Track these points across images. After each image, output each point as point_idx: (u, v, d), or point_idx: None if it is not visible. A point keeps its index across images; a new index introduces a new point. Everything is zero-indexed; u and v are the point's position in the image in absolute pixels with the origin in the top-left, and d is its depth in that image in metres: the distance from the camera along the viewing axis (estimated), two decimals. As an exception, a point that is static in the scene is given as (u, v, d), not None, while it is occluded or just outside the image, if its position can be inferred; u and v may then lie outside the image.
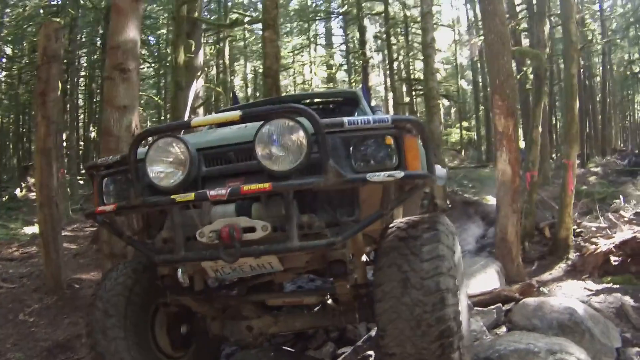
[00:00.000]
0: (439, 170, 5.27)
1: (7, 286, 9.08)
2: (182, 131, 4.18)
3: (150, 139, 3.73)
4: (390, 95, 37.61)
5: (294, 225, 3.30)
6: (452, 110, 54.93)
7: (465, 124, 48.14)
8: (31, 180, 26.83)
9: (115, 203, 3.80)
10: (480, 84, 40.21)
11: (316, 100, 6.93)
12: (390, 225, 3.89)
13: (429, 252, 3.51)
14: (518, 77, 21.78)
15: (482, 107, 41.26)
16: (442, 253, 3.52)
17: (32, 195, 25.09)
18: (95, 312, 4.24)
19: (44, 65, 8.96)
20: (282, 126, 3.33)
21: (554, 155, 31.24)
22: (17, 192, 23.94)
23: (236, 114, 3.42)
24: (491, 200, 15.67)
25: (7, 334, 7.31)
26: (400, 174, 3.28)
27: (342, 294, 4.11)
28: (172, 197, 3.37)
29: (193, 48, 17.49)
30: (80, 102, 36.56)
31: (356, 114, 6.37)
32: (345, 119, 3.36)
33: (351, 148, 3.47)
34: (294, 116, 3.34)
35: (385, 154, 3.46)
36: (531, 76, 14.93)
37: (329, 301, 4.46)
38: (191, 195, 3.33)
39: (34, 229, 16.48)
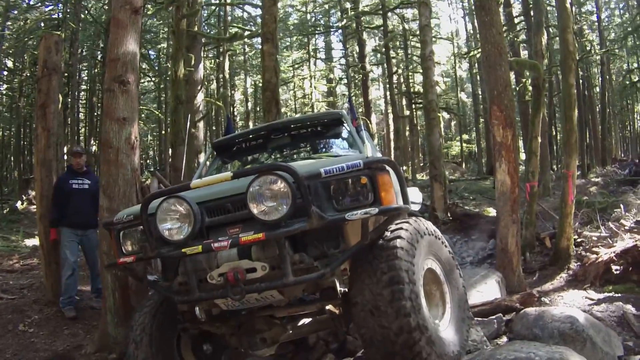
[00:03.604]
0: (415, 195, 6.20)
1: (7, 297, 9.12)
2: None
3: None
4: (391, 108, 37.73)
5: (287, 263, 3.91)
6: (453, 123, 54.93)
7: (465, 136, 48.23)
8: (32, 193, 26.82)
9: (134, 255, 4.47)
10: (480, 96, 40.21)
11: (305, 124, 7.22)
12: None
13: (388, 267, 3.97)
14: (517, 88, 21.86)
15: (482, 120, 41.26)
16: (399, 265, 3.96)
17: (33, 208, 25.01)
18: (130, 336, 5.01)
19: (44, 77, 9.06)
20: (268, 181, 3.91)
21: (554, 166, 31.22)
22: (18, 204, 23.84)
23: (228, 175, 4.12)
24: (492, 212, 15.70)
25: (7, 344, 7.33)
26: (375, 210, 3.85)
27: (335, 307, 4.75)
28: (183, 250, 3.99)
29: (193, 62, 17.53)
30: (81, 115, 36.63)
31: (342, 134, 6.97)
32: (322, 169, 3.97)
33: (331, 191, 4.07)
34: (277, 172, 3.91)
35: (361, 193, 4.04)
36: (530, 87, 14.93)
37: (328, 307, 4.84)
38: (199, 248, 3.93)
39: (34, 241, 16.47)
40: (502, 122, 8.36)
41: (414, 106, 36.10)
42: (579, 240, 10.39)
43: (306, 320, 5.46)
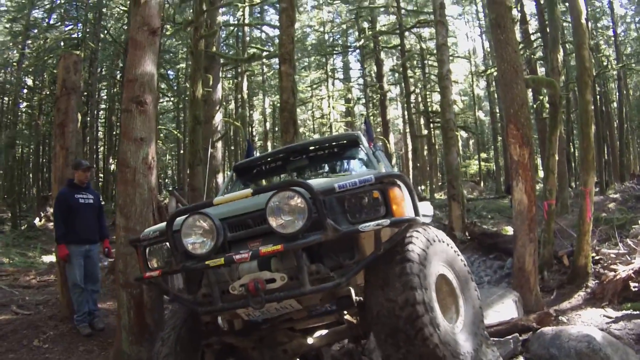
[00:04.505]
0: (426, 209, 6.28)
1: (22, 312, 9.14)
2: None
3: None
4: (409, 127, 37.72)
5: (305, 274, 4.09)
6: (471, 141, 54.81)
7: (483, 155, 48.06)
8: (50, 210, 27.02)
9: (160, 269, 4.72)
10: (498, 114, 40.11)
11: (323, 145, 7.55)
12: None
13: (400, 271, 4.15)
14: (534, 105, 21.76)
15: (499, 138, 41.10)
16: (410, 269, 4.14)
17: (51, 224, 25.26)
18: (155, 349, 5.17)
19: (62, 96, 9.14)
20: (286, 196, 4.13)
21: (572, 184, 30.99)
22: (36, 221, 24.09)
23: (248, 191, 4.34)
24: (510, 231, 15.58)
25: (21, 359, 7.34)
26: (387, 221, 4.03)
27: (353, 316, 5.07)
28: (207, 262, 4.21)
29: (211, 82, 17.72)
30: (100, 134, 36.96)
31: (358, 155, 7.25)
32: (336, 184, 4.19)
33: (345, 205, 4.25)
34: (294, 187, 4.13)
35: (373, 206, 4.22)
36: (547, 105, 14.86)
37: (346, 317, 5.13)
38: (221, 260, 4.15)
39: (51, 258, 16.59)
40: (518, 141, 8.34)
41: (431, 125, 36.00)
42: (597, 257, 10.28)
43: (325, 332, 5.68)
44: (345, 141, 7.47)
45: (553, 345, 5.59)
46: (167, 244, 4.75)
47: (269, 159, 7.77)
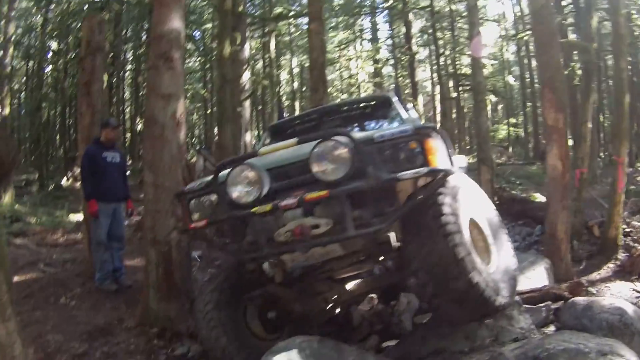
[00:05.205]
0: (460, 161, 6.45)
1: (49, 270, 9.22)
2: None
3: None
4: (438, 89, 37.39)
5: (349, 218, 4.27)
6: (499, 106, 54.19)
7: (512, 120, 47.45)
8: (77, 170, 27.17)
9: (205, 219, 4.91)
10: (528, 80, 39.54)
11: (354, 106, 7.81)
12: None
13: (435, 215, 4.41)
14: (566, 72, 21.38)
15: (529, 104, 40.60)
16: (442, 221, 4.38)
17: (78, 184, 25.39)
18: (198, 305, 5.39)
19: (88, 56, 9.12)
20: (329, 146, 4.33)
21: (601, 154, 30.56)
22: (63, 181, 24.23)
23: (293, 141, 4.55)
24: (539, 197, 15.42)
25: (48, 316, 7.32)
26: (424, 170, 4.26)
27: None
28: (253, 210, 4.42)
29: (238, 41, 17.51)
30: (127, 95, 37.02)
31: (390, 114, 7.37)
32: (376, 134, 4.43)
33: (384, 155, 4.40)
34: (337, 138, 4.35)
35: (411, 156, 4.38)
36: (579, 72, 14.57)
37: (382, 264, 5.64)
38: (268, 207, 4.36)
39: (79, 217, 16.67)
40: (554, 105, 8.21)
41: (460, 88, 35.60)
42: (627, 230, 10.16)
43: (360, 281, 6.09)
44: (377, 102, 7.66)
45: (585, 316, 5.43)
46: (212, 196, 4.97)
47: (302, 119, 7.95)
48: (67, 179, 24.40)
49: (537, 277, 7.26)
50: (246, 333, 5.46)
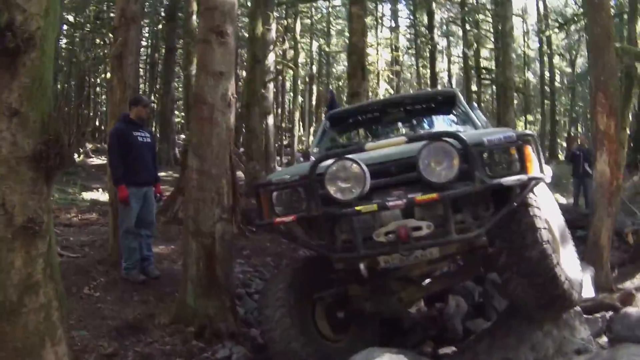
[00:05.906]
0: (548, 170, 6.19)
1: (68, 255, 8.56)
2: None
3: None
4: (454, 81, 37.16)
5: (452, 223, 4.25)
6: (515, 102, 53.93)
7: (530, 118, 47.19)
8: (89, 146, 27.05)
9: (294, 214, 4.75)
10: (548, 77, 39.35)
11: (419, 100, 7.65)
12: None
13: (525, 223, 4.48)
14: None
15: (547, 102, 40.44)
16: (534, 222, 4.47)
17: (90, 160, 25.20)
18: (266, 306, 5.19)
19: (121, 27, 8.44)
20: (439, 147, 4.29)
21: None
22: (75, 157, 24.05)
23: (402, 139, 4.62)
24: (560, 199, 15.25)
25: (72, 308, 6.46)
26: (525, 177, 4.32)
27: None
28: (357, 208, 4.32)
29: (271, 20, 17.35)
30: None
31: (454, 111, 7.31)
32: (485, 138, 4.40)
33: (487, 158, 4.42)
34: (447, 139, 4.32)
35: (510, 162, 4.44)
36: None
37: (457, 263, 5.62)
38: (374, 206, 4.28)
39: (92, 195, 16.41)
40: (606, 110, 8.03)
41: (482, 82, 35.40)
42: (662, 238, 10.01)
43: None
44: (442, 97, 7.48)
45: (639, 327, 5.37)
46: (301, 189, 4.77)
47: (365, 110, 7.88)
48: (79, 155, 24.25)
49: (585, 285, 7.12)
50: (315, 334, 5.31)
